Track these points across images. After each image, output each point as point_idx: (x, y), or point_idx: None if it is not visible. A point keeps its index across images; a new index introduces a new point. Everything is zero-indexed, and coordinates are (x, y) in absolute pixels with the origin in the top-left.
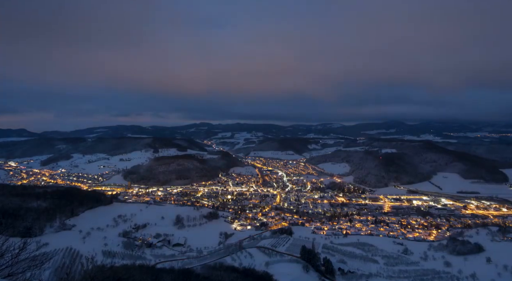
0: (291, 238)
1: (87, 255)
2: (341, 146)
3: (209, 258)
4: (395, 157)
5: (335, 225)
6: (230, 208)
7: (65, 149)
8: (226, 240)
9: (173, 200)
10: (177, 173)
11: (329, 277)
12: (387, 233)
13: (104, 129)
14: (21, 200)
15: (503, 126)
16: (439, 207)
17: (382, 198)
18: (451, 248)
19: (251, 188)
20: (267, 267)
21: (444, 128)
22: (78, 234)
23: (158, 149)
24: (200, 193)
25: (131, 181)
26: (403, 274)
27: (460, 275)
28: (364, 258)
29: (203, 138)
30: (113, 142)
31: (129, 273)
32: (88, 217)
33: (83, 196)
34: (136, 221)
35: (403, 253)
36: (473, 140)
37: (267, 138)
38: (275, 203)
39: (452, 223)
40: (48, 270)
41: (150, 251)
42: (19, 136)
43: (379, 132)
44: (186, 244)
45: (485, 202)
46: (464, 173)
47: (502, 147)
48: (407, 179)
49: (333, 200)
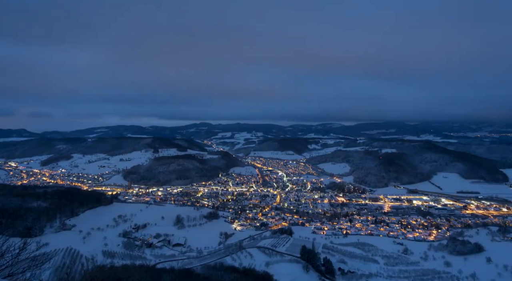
0: (291, 238)
1: (87, 255)
2: (341, 146)
3: (209, 258)
4: (395, 157)
5: (335, 225)
6: (230, 208)
7: (65, 149)
8: (226, 240)
9: (173, 200)
10: (177, 173)
11: (329, 277)
12: (387, 233)
13: (104, 129)
14: (21, 200)
15: (503, 126)
16: (439, 207)
17: (382, 198)
18: (451, 248)
19: (251, 188)
20: (267, 267)
21: (444, 128)
22: (78, 234)
23: (158, 149)
24: (200, 193)
25: (131, 181)
26: (403, 274)
27: (460, 275)
28: (364, 258)
29: (203, 138)
30: (113, 142)
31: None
32: (88, 217)
33: (83, 196)
34: (136, 221)
35: (403, 253)
36: (473, 140)
37: (267, 138)
38: (275, 203)
39: (452, 223)
40: (48, 270)
41: (150, 251)
42: (19, 136)
43: (379, 132)
44: (186, 244)
45: (485, 202)
46: (464, 173)
47: (502, 147)
48: (407, 179)
49: (333, 200)
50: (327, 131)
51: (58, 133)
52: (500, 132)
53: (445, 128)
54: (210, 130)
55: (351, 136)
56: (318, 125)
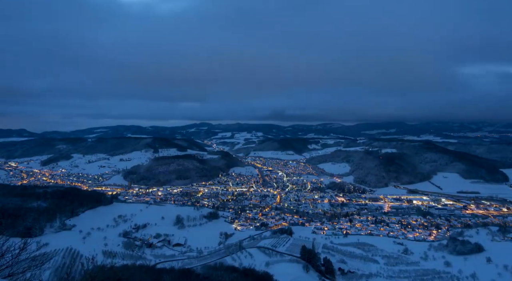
0: (291, 238)
1: (87, 255)
2: (341, 146)
3: (209, 258)
4: (395, 157)
5: (335, 225)
6: (230, 208)
7: (65, 149)
8: (226, 240)
9: (173, 200)
10: (177, 173)
11: (329, 277)
12: (387, 233)
13: (104, 129)
14: (21, 200)
15: (503, 126)
16: (439, 207)
17: (382, 198)
18: (451, 248)
19: (251, 188)
20: (267, 267)
21: (444, 128)
22: (78, 234)
23: (158, 149)
24: (200, 193)
25: (131, 181)
26: (403, 274)
27: (460, 275)
28: (364, 258)
29: (203, 138)
30: (113, 142)
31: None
32: (88, 217)
33: (83, 196)
34: (136, 221)
35: (403, 253)
36: (473, 140)
37: (267, 138)
38: (275, 203)
39: (452, 223)
40: (48, 270)
41: (150, 251)
42: (19, 136)
43: (379, 132)
44: (186, 244)
45: (485, 202)
46: (464, 173)
47: (502, 147)
48: (407, 179)
49: (333, 200)
50: (327, 131)
51: (58, 133)
52: (500, 132)
53: (445, 128)
54: (210, 130)
55: (351, 136)
56: (318, 125)
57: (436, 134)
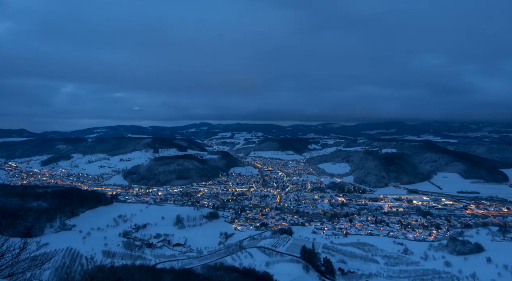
0: (291, 238)
1: (87, 255)
2: (341, 146)
3: (209, 258)
4: (395, 157)
5: (335, 225)
6: (230, 208)
7: (65, 149)
8: (226, 240)
9: (173, 200)
10: (177, 173)
11: (329, 277)
12: (387, 233)
13: (104, 129)
14: (21, 200)
15: (503, 126)
16: (439, 207)
17: (382, 198)
18: (451, 248)
19: (251, 188)
20: (267, 267)
21: (444, 128)
22: (78, 234)
23: (158, 149)
24: (200, 193)
25: (131, 181)
26: (403, 274)
27: (460, 275)
28: (364, 258)
29: (203, 138)
30: (113, 142)
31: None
32: (88, 217)
33: (83, 196)
34: (136, 221)
35: (403, 253)
36: (473, 140)
37: (267, 138)
38: (275, 203)
39: (452, 223)
40: (48, 270)
41: (150, 251)
42: (19, 136)
43: (379, 132)
44: (186, 244)
45: (485, 202)
46: (464, 173)
47: (502, 147)
48: (407, 179)
49: (333, 200)
50: (327, 131)
51: (58, 133)
52: (500, 132)
53: (445, 128)
54: (210, 130)
55: (351, 136)
56: (318, 125)
57: (436, 134)
